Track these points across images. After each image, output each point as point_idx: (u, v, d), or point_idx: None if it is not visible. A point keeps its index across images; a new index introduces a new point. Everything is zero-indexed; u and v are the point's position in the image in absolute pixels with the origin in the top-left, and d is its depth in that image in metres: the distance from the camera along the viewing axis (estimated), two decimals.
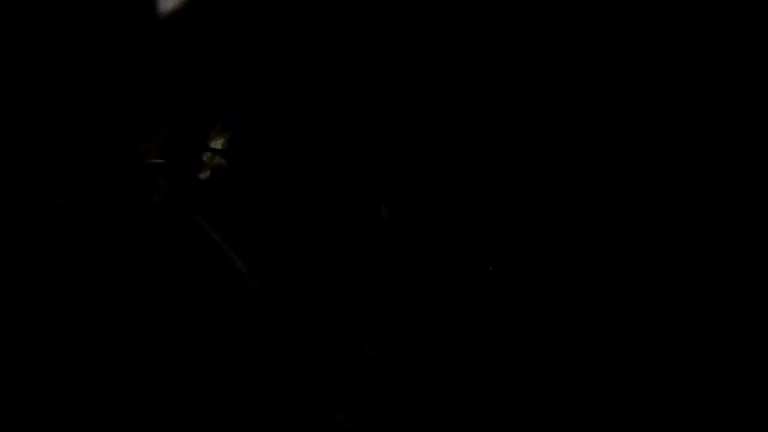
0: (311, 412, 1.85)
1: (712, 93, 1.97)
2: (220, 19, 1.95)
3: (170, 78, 1.94)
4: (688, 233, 1.94)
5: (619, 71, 1.98)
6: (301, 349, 1.87)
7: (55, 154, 1.91)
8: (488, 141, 1.96)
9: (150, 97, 1.93)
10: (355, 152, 1.93)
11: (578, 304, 1.92)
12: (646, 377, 1.88)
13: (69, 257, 1.87)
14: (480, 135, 1.96)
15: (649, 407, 1.87)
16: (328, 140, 1.93)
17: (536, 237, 1.94)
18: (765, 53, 1.96)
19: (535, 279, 1.93)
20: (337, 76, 1.94)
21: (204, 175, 1.86)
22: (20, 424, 1.81)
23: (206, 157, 1.86)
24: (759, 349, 1.89)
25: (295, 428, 1.85)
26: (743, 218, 1.94)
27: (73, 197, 1.89)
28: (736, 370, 1.87)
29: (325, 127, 1.94)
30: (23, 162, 1.90)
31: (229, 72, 1.94)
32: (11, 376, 1.83)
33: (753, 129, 1.96)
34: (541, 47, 1.98)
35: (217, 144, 1.88)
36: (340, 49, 1.95)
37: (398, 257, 1.91)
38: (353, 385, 1.87)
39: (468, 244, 1.92)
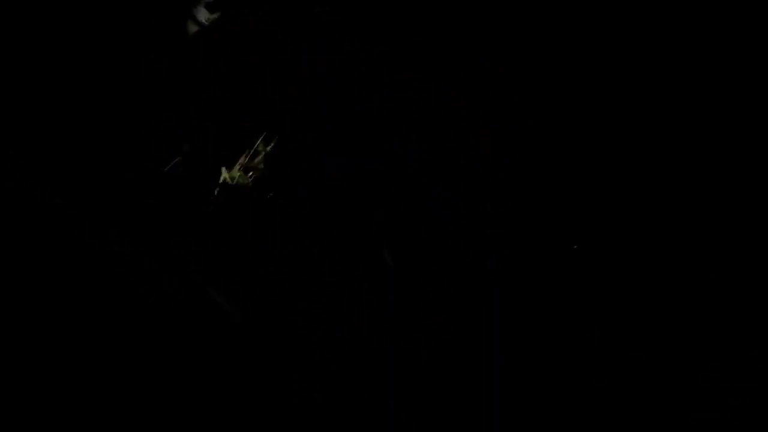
0: (311, 412, 1.85)
1: (712, 93, 1.97)
2: (220, 20, 1.95)
3: (170, 78, 1.94)
4: (688, 233, 1.94)
5: (619, 71, 1.98)
6: (301, 349, 1.87)
7: (55, 154, 1.91)
8: (488, 141, 1.96)
9: (150, 97, 1.94)
10: (355, 152, 1.94)
11: (578, 304, 1.92)
12: (646, 377, 1.88)
13: (69, 257, 1.87)
14: (480, 135, 1.96)
15: (649, 407, 1.87)
16: (328, 140, 1.93)
17: (536, 237, 1.94)
18: (765, 53, 1.96)
19: (535, 279, 1.93)
20: (337, 76, 1.94)
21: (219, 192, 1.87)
22: (20, 423, 1.81)
23: (228, 175, 1.86)
24: (759, 349, 1.89)
25: (295, 428, 1.85)
26: (743, 218, 1.94)
27: (73, 197, 1.89)
28: (736, 370, 1.87)
29: (325, 127, 1.94)
30: (23, 162, 1.90)
31: (229, 72, 1.94)
32: (12, 375, 1.83)
33: (753, 129, 1.96)
34: (541, 47, 1.98)
35: (239, 173, 1.89)
36: (340, 49, 1.95)
37: (398, 257, 1.91)
38: (353, 385, 1.87)
39: (468, 244, 1.92)
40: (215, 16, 1.83)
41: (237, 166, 1.86)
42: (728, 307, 1.91)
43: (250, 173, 1.87)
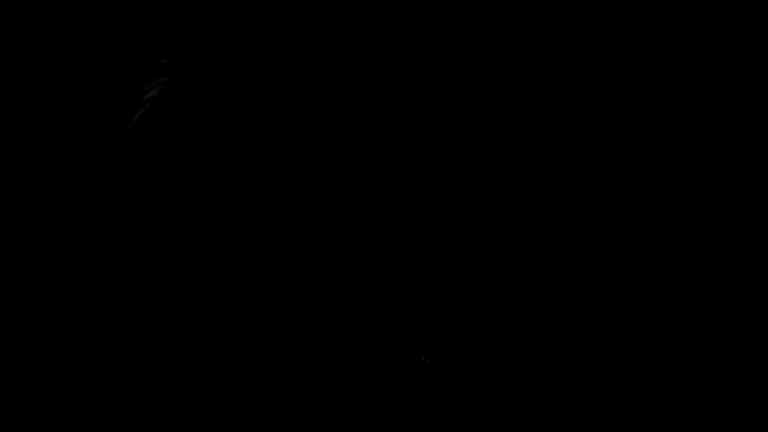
0: (311, 412, 1.85)
1: (712, 93, 1.97)
2: (220, 19, 1.95)
3: (170, 78, 1.94)
4: (688, 233, 1.94)
5: (619, 71, 1.97)
6: (301, 349, 1.87)
7: (55, 154, 1.91)
8: (488, 141, 1.96)
9: (150, 96, 1.93)
10: (355, 152, 1.93)
11: (578, 304, 1.92)
12: (646, 377, 1.88)
13: (69, 257, 1.87)
14: (480, 135, 1.96)
15: (649, 407, 1.87)
16: (328, 140, 1.93)
17: (536, 237, 1.94)
18: (765, 53, 1.96)
19: (535, 279, 1.93)
20: (337, 76, 1.94)
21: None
22: (20, 424, 1.81)
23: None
24: (759, 349, 1.88)
25: (295, 428, 1.85)
26: (743, 218, 1.94)
27: (73, 197, 1.89)
28: (736, 370, 1.87)
29: (325, 127, 1.94)
30: (23, 162, 1.89)
31: (229, 72, 1.94)
32: (11, 376, 1.83)
33: (753, 129, 1.96)
34: (541, 47, 1.98)
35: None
36: (340, 49, 1.95)
37: (398, 257, 1.91)
38: (353, 385, 1.86)
39: (468, 244, 1.92)
40: None
41: None
42: (728, 306, 1.91)
43: None
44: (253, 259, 1.89)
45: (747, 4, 1.96)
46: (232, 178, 1.91)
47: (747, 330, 1.89)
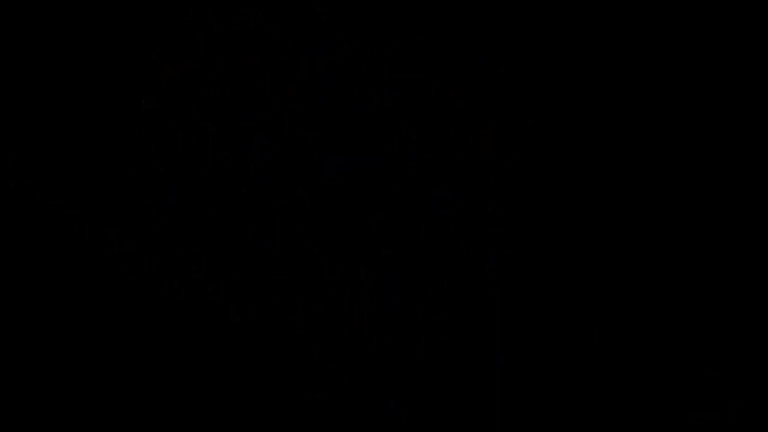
0: (311, 412, 1.85)
1: (712, 93, 1.97)
2: (220, 19, 1.95)
3: (171, 77, 1.94)
4: (688, 233, 1.94)
5: (619, 71, 1.98)
6: (301, 349, 1.87)
7: (55, 154, 1.91)
8: (488, 141, 1.96)
9: (150, 96, 1.93)
10: (355, 152, 1.94)
11: (578, 304, 1.92)
12: (646, 377, 1.88)
13: (69, 257, 1.87)
14: (480, 135, 1.96)
15: (649, 407, 1.87)
16: (328, 140, 1.93)
17: (536, 237, 1.94)
18: (765, 53, 1.96)
19: (535, 279, 1.93)
20: (337, 76, 1.94)
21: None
22: (20, 424, 1.81)
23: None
24: (759, 349, 1.89)
25: (295, 428, 1.85)
26: (743, 218, 1.94)
27: (73, 197, 1.89)
28: (736, 370, 1.87)
29: (325, 127, 1.94)
30: (23, 162, 1.90)
31: (229, 72, 1.94)
32: (12, 376, 1.83)
33: (753, 129, 1.96)
34: (541, 47, 1.98)
35: None
36: (340, 49, 1.95)
37: (398, 257, 1.91)
38: (353, 385, 1.87)
39: (468, 244, 1.92)
40: None
41: None
42: (728, 306, 1.91)
43: None
44: (253, 259, 1.89)
45: (747, 4, 1.96)
46: (232, 178, 1.91)
47: (747, 330, 1.89)
